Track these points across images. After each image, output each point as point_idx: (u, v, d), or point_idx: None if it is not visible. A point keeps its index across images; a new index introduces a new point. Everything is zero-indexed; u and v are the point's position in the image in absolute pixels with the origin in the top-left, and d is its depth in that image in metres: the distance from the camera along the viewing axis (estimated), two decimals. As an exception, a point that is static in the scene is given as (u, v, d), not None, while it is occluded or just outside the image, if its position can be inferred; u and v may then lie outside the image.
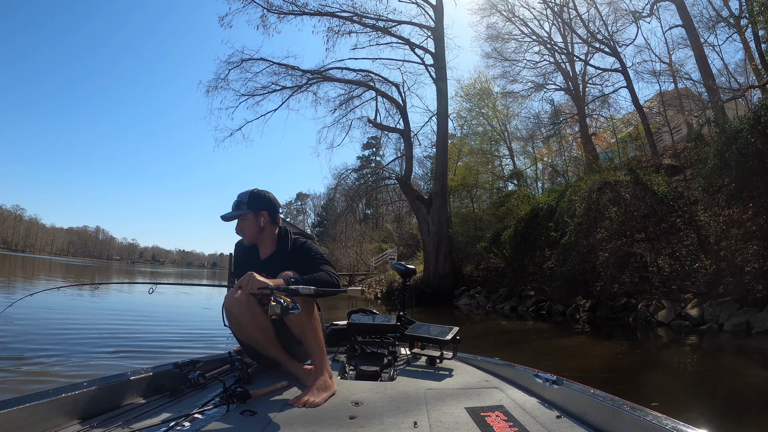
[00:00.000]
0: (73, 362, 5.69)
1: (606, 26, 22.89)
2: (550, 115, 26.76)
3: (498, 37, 25.93)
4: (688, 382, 6.35)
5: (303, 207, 78.91)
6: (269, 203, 2.64)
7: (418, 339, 3.16)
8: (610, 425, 1.72)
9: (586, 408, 1.89)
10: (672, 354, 8.81)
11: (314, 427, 1.81)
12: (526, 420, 1.88)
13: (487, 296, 19.04)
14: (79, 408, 1.87)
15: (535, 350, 9.13)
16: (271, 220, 2.65)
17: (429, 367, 3.00)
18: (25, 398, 1.69)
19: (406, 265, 4.01)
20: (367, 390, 2.38)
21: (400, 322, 3.42)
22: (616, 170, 16.00)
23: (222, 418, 1.88)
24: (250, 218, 2.60)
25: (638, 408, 1.65)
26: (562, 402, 2.06)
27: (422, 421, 1.87)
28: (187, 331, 8.99)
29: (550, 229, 15.75)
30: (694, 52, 19.42)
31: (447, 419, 1.91)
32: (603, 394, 1.87)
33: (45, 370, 5.23)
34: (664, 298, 12.32)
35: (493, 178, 29.10)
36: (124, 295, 17.10)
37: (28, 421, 1.64)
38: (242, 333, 2.55)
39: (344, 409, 2.04)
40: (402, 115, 24.78)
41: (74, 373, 5.07)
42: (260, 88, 24.01)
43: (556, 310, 14.83)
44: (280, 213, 2.74)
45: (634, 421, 1.59)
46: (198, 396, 2.25)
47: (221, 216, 2.64)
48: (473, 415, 1.94)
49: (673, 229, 13.67)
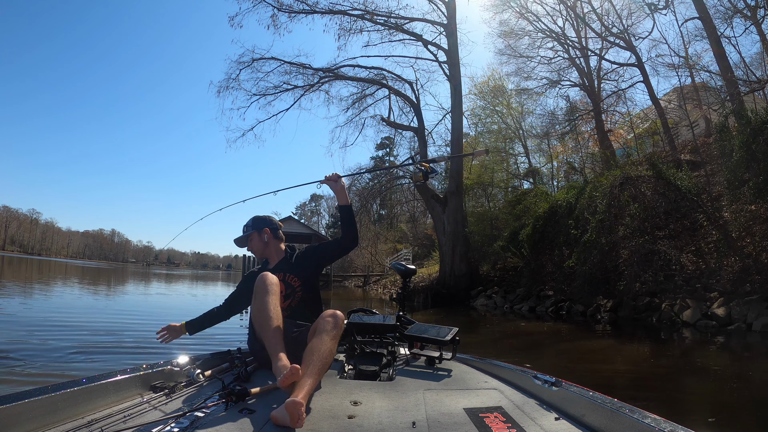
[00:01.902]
0: (73, 360, 5.81)
1: (621, 20, 22.53)
2: (566, 111, 26.36)
3: (511, 33, 25.58)
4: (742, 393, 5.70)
5: (317, 208, 79.27)
6: (269, 222, 3.20)
7: (418, 339, 3.16)
8: (608, 427, 1.72)
9: (585, 410, 1.88)
10: (707, 357, 8.27)
11: (312, 426, 1.81)
12: (524, 421, 1.89)
13: (504, 296, 18.70)
14: (77, 405, 1.89)
15: (559, 355, 8.74)
16: (273, 236, 3.18)
17: (428, 367, 3.00)
18: (23, 394, 1.72)
19: (406, 265, 4.07)
20: (365, 390, 2.39)
21: (399, 322, 3.47)
22: (638, 165, 15.63)
23: (221, 416, 1.88)
24: (255, 237, 3.16)
25: (637, 410, 1.65)
26: (561, 403, 2.06)
27: (421, 421, 1.89)
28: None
29: (569, 226, 15.39)
30: (711, 45, 18.90)
31: (445, 419, 1.92)
32: (602, 396, 1.88)
33: (46, 367, 5.31)
34: (689, 297, 11.94)
35: (507, 176, 28.76)
36: (136, 296, 17.14)
37: (26, 417, 1.66)
38: (259, 308, 2.59)
39: (343, 409, 2.04)
40: (416, 113, 24.58)
41: (74, 371, 5.15)
42: (271, 88, 24.01)
43: (576, 310, 14.47)
44: (294, 215, 3.18)
45: (633, 423, 1.59)
46: (197, 394, 2.26)
47: (234, 240, 3.28)
48: (472, 416, 1.95)
49: (695, 226, 13.31)
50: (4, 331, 7.58)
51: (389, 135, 31.25)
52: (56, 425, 1.74)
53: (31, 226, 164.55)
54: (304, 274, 3.02)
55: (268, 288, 2.60)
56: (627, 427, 1.61)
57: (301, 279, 2.99)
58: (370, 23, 23.57)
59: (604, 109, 24.17)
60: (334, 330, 2.37)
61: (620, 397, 1.79)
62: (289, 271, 2.99)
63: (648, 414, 1.59)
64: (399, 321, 3.47)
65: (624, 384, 6.02)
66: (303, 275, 3.01)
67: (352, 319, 3.27)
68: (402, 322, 3.52)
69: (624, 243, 13.20)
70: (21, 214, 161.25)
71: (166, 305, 15.48)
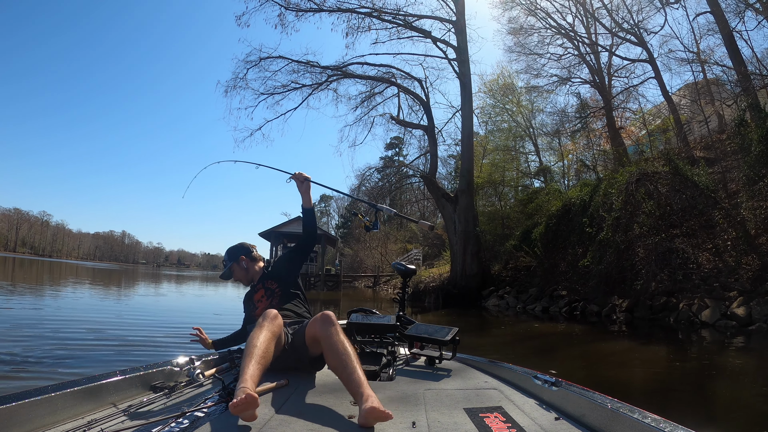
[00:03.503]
0: (73, 359, 5.85)
1: (631, 15, 22.29)
2: (577, 108, 26.12)
3: (520, 30, 25.37)
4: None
5: (326, 209, 79.27)
6: (241, 249, 3.38)
7: (418, 339, 3.19)
8: (608, 427, 1.70)
9: (585, 410, 1.87)
10: (732, 359, 7.89)
11: (312, 426, 1.80)
12: (524, 421, 1.88)
13: (516, 297, 18.46)
14: (77, 404, 1.88)
15: (576, 359, 8.32)
16: (250, 260, 3.36)
17: (428, 367, 3.04)
18: (23, 394, 1.70)
19: (406, 265, 4.06)
20: None
21: (399, 321, 3.48)
22: (654, 161, 15.37)
23: (221, 415, 1.87)
24: (235, 268, 3.34)
25: (637, 410, 1.63)
26: (561, 404, 2.05)
27: (421, 421, 1.88)
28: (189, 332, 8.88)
29: (583, 225, 15.14)
30: (724, 40, 18.64)
31: (445, 420, 1.91)
32: (602, 397, 1.85)
33: (46, 366, 5.35)
34: (707, 296, 11.68)
35: (518, 175, 28.55)
36: (144, 298, 17.11)
37: (26, 417, 1.66)
38: (251, 336, 2.47)
39: (343, 409, 2.03)
40: (425, 111, 24.40)
41: (74, 370, 5.19)
42: (279, 87, 23.93)
43: (590, 310, 14.20)
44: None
45: (633, 423, 1.57)
46: (197, 394, 2.27)
47: (220, 276, 3.60)
48: (472, 416, 1.94)
49: (711, 223, 13.02)
50: (8, 331, 7.62)
51: (398, 134, 31.14)
52: (56, 425, 1.73)
53: (42, 228, 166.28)
54: (278, 275, 3.25)
55: (265, 324, 2.49)
56: (627, 427, 1.60)
57: (277, 280, 3.20)
58: (378, 21, 23.44)
59: (615, 105, 23.91)
60: (331, 326, 2.37)
61: (650, 408, 1.67)
62: (267, 278, 3.25)
63: (648, 414, 1.58)
64: (399, 321, 3.49)
65: (650, 391, 5.73)
66: (277, 276, 3.23)
67: (352, 319, 3.32)
68: (402, 322, 3.54)
69: (640, 241, 12.95)
70: (32, 216, 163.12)
71: (175, 307, 15.38)
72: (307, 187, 3.21)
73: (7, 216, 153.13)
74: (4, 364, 5.30)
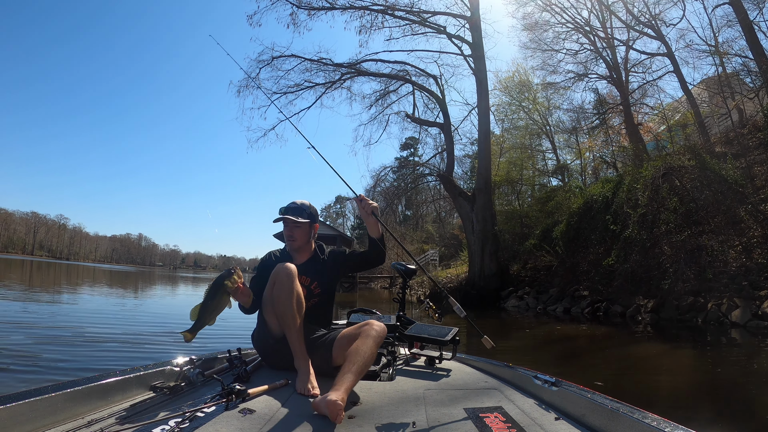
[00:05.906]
0: (73, 359, 5.86)
1: (648, 8, 21.84)
2: (594, 104, 25.69)
3: (535, 25, 24.98)
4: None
5: (342, 210, 79.24)
6: (318, 220, 2.99)
7: (418, 339, 3.19)
8: (608, 427, 1.71)
9: (585, 410, 1.88)
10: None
11: (312, 426, 1.82)
12: (524, 421, 1.89)
13: (536, 297, 17.99)
14: (77, 405, 1.89)
15: (605, 365, 7.71)
16: (316, 235, 3.03)
17: (428, 367, 3.05)
18: (23, 394, 1.72)
19: (406, 265, 4.05)
20: (365, 389, 2.42)
21: (399, 322, 3.51)
22: (678, 156, 14.93)
23: (221, 416, 1.87)
24: (305, 227, 2.89)
25: (637, 410, 1.64)
26: (561, 404, 2.06)
27: (421, 421, 1.90)
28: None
29: (607, 222, 14.73)
30: (744, 32, 18.14)
31: (445, 419, 1.92)
32: (602, 397, 1.87)
33: (47, 365, 5.36)
34: (736, 296, 11.25)
35: (534, 174, 28.18)
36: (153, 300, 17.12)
37: (26, 417, 1.67)
38: (277, 304, 2.56)
39: None
40: (441, 108, 24.13)
41: (74, 369, 5.20)
42: (292, 86, 23.75)
43: (614, 311, 13.75)
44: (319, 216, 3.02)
45: (633, 423, 1.58)
46: (197, 394, 2.27)
47: (282, 208, 2.90)
48: (472, 416, 1.95)
49: (737, 219, 12.58)
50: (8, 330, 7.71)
51: (413, 134, 30.86)
52: (56, 425, 1.74)
53: (59, 231, 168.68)
54: (325, 280, 2.93)
55: (292, 280, 2.56)
56: (627, 427, 1.61)
57: (322, 287, 2.91)
58: (392, 18, 23.16)
59: (633, 101, 23.46)
60: (378, 338, 2.42)
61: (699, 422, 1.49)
62: (313, 277, 2.89)
63: (648, 414, 1.59)
64: (399, 321, 3.53)
65: (694, 402, 5.29)
66: (324, 282, 2.92)
67: (352, 319, 3.33)
68: (402, 322, 3.56)
69: (666, 238, 12.55)
70: (49, 220, 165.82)
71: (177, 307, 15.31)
72: (374, 220, 2.86)
73: (24, 220, 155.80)
74: (5, 363, 5.30)
